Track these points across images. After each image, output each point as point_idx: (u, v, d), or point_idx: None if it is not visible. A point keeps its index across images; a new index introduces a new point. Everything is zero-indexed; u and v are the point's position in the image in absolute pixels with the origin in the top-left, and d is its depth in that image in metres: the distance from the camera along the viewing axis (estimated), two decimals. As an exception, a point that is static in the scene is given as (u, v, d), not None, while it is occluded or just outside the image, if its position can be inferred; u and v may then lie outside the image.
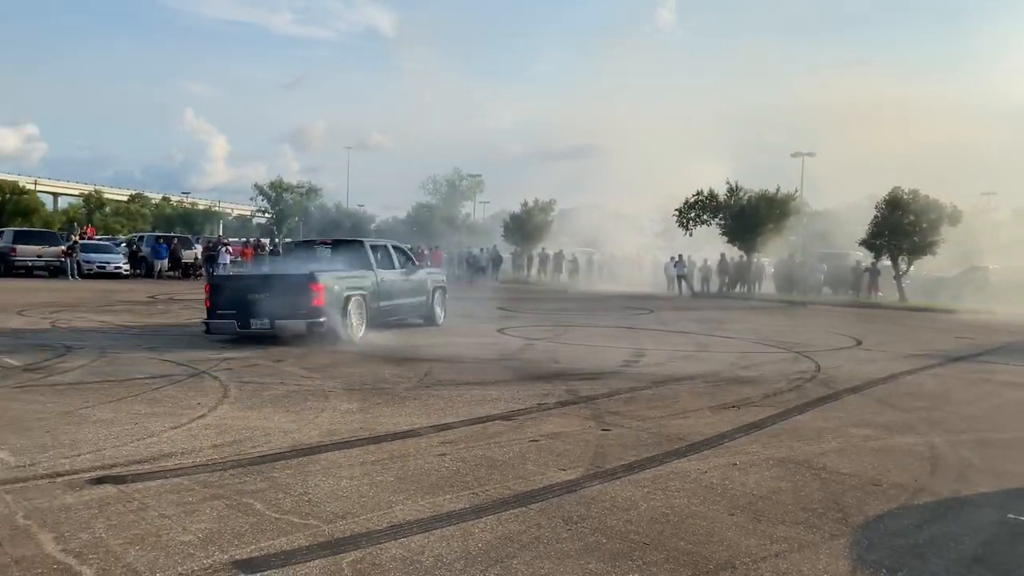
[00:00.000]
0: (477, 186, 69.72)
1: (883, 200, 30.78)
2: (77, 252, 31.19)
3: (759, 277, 36.43)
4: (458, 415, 6.89)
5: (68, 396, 7.21)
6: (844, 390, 8.84)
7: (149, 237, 38.46)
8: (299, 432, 6.08)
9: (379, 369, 9.38)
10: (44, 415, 6.38)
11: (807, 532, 4.21)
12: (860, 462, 5.71)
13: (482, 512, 4.34)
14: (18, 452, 5.24)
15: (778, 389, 8.75)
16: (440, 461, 5.36)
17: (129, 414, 6.52)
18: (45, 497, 4.35)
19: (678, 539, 4.04)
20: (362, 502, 4.44)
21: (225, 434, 5.93)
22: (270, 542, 3.80)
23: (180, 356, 9.94)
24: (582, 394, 8.12)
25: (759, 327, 17.58)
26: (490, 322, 16.46)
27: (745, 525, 4.29)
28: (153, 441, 5.66)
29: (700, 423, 6.87)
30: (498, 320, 16.84)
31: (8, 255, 30.02)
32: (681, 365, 10.63)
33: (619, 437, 6.24)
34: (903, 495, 4.96)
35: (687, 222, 35.99)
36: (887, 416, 7.49)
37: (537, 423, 6.67)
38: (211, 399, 7.24)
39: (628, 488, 4.90)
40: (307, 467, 5.12)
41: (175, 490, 4.56)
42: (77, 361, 9.34)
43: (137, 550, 3.64)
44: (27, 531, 3.84)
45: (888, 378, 9.98)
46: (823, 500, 4.79)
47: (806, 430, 6.72)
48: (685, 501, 4.67)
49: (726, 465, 5.50)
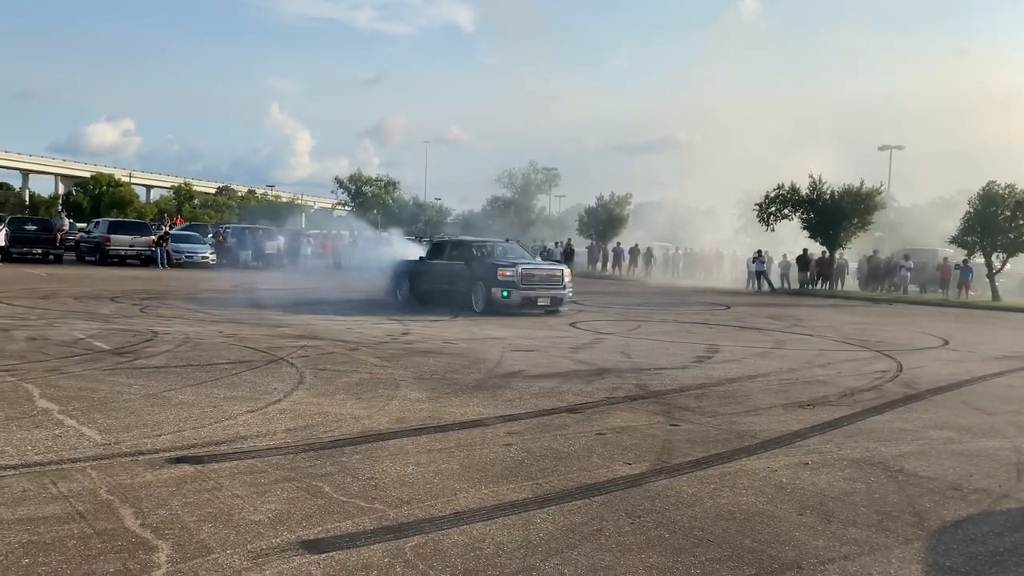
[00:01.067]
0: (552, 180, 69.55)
1: (976, 195, 29.45)
2: (168, 242, 32.48)
3: (842, 274, 35.37)
4: (525, 406, 6.91)
5: (153, 379, 7.52)
6: (927, 391, 8.52)
7: (235, 228, 39.73)
8: (369, 419, 6.20)
9: (450, 360, 9.48)
10: (130, 397, 6.67)
11: (879, 535, 4.08)
12: (940, 465, 5.50)
13: (545, 503, 4.35)
14: (104, 431, 5.50)
15: (856, 388, 8.49)
16: (505, 451, 5.39)
17: (209, 397, 6.76)
18: (127, 474, 4.56)
19: (743, 537, 3.97)
20: (427, 488, 4.51)
21: (298, 419, 6.09)
22: (336, 524, 3.89)
23: (260, 343, 10.25)
24: (652, 389, 8.04)
25: (839, 325, 17.07)
26: (562, 315, 16.43)
27: (814, 526, 4.18)
28: (230, 424, 5.86)
29: (772, 421, 6.72)
30: (570, 314, 16.80)
31: (103, 244, 31.41)
32: (755, 362, 10.42)
33: (688, 433, 6.16)
34: (985, 500, 4.76)
35: (768, 217, 35.17)
36: (971, 419, 7.19)
37: (604, 416, 6.64)
38: (287, 385, 7.45)
39: (694, 484, 4.83)
40: (375, 453, 5.22)
41: (249, 471, 4.71)
42: (163, 346, 9.72)
43: (210, 527, 3.78)
44: (109, 506, 4.03)
45: (975, 380, 9.57)
46: (898, 503, 4.63)
47: (884, 431, 6.51)
48: (752, 499, 4.58)
49: (797, 464, 5.38)
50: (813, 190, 34.17)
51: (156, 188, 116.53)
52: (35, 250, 30.45)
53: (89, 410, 6.10)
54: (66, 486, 4.30)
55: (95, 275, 24.77)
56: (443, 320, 14.57)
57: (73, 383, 7.15)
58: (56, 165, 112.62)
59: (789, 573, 3.55)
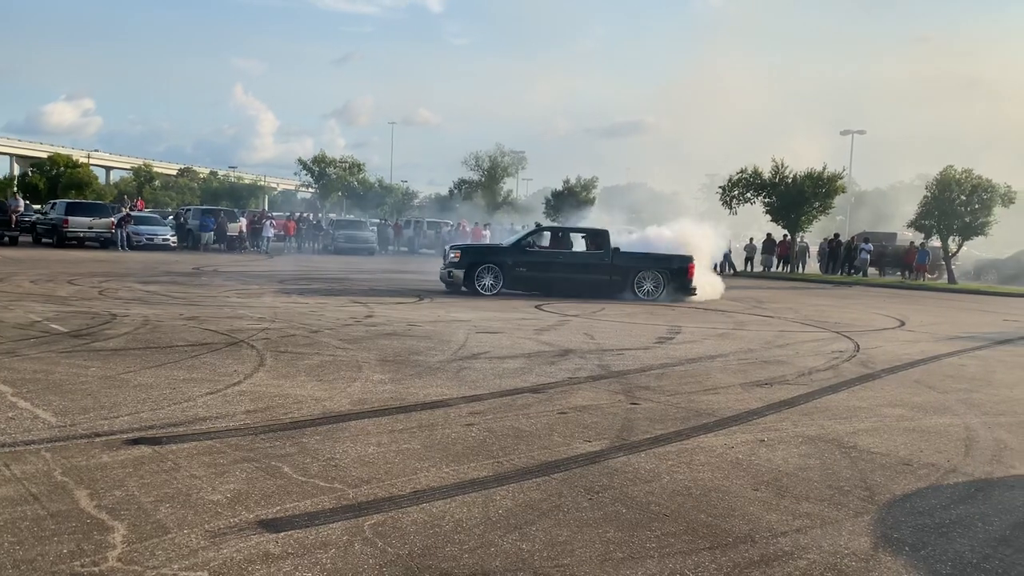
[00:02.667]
0: (519, 162, 69.38)
1: (934, 180, 30.01)
2: (127, 224, 31.92)
3: (803, 257, 35.87)
4: (488, 387, 6.94)
5: (110, 361, 7.42)
6: (882, 370, 8.70)
7: (196, 210, 39.16)
8: (330, 400, 6.19)
9: (413, 342, 9.47)
10: (86, 379, 6.58)
11: (831, 509, 4.18)
12: (892, 442, 5.64)
13: (505, 480, 4.39)
14: (60, 413, 5.42)
15: (813, 368, 8.65)
16: (467, 431, 5.41)
17: (168, 379, 6.69)
18: (83, 456, 4.50)
19: (699, 512, 4.04)
20: (387, 468, 4.52)
21: (259, 400, 6.06)
22: (295, 504, 3.89)
23: (220, 325, 10.15)
24: (614, 369, 8.11)
25: (799, 307, 17.34)
26: (528, 298, 16.48)
27: (768, 500, 4.27)
28: (189, 405, 5.80)
29: (730, 399, 6.83)
30: (536, 296, 16.85)
31: (61, 227, 30.80)
32: (716, 343, 10.55)
33: (647, 411, 6.23)
34: (934, 475, 4.89)
35: (731, 200, 35.53)
36: (924, 397, 7.37)
37: (566, 396, 6.69)
38: (247, 367, 7.39)
39: (652, 461, 4.90)
40: (336, 434, 5.22)
41: (207, 452, 4.68)
42: (122, 329, 9.59)
43: (167, 507, 3.76)
44: (64, 487, 3.98)
45: (929, 359, 9.80)
46: (851, 478, 4.74)
47: (839, 409, 6.64)
48: (709, 475, 4.66)
49: (753, 441, 5.48)
50: (775, 174, 34.58)
51: (116, 169, 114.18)
52: (-11, 232, 29.74)
53: (44, 392, 6.01)
54: (19, 468, 4.23)
55: (52, 257, 24.28)
56: (408, 302, 14.54)
57: (28, 365, 7.03)
58: (11, 145, 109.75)
59: (743, 546, 3.62)
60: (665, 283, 17.30)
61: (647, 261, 17.59)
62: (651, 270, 17.34)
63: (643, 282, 17.25)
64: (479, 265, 16.89)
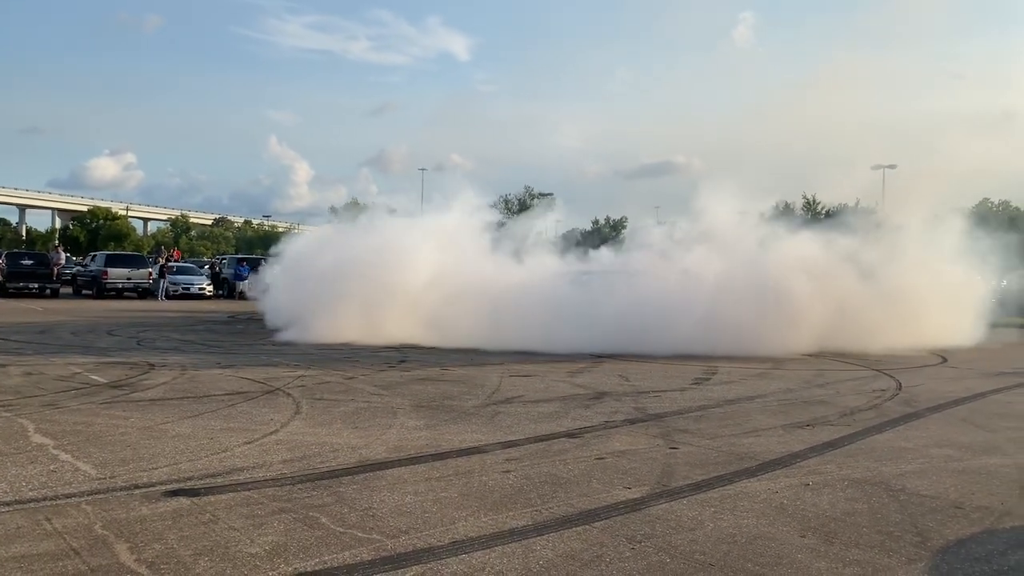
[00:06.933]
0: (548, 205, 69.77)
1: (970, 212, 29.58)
2: (166, 275, 32.50)
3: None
4: (524, 432, 6.88)
5: (149, 412, 7.48)
6: (926, 409, 8.49)
7: (231, 259, 39.74)
8: (366, 448, 6.16)
9: (448, 387, 9.45)
10: (126, 430, 6.63)
11: (882, 555, 4.04)
12: (941, 484, 5.47)
13: (544, 529, 4.31)
14: (99, 465, 5.45)
15: (856, 407, 8.46)
16: (504, 478, 5.35)
17: (205, 429, 6.72)
18: (123, 508, 4.52)
19: (745, 560, 3.93)
20: (425, 518, 4.47)
21: (295, 449, 6.05)
22: (333, 556, 3.85)
23: (256, 374, 10.21)
24: (650, 412, 8.01)
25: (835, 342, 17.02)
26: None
27: (816, 547, 4.14)
28: (227, 455, 5.81)
29: (772, 442, 6.69)
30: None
31: (100, 278, 31.43)
32: (754, 383, 10.39)
33: (687, 455, 6.12)
34: (988, 519, 4.72)
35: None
36: (972, 436, 7.16)
37: (603, 441, 6.60)
38: (283, 415, 7.41)
39: (695, 508, 4.80)
40: (372, 483, 5.18)
41: (245, 503, 4.67)
42: (160, 379, 9.68)
43: (206, 561, 3.74)
44: (104, 540, 3.98)
45: (974, 397, 9.54)
46: (901, 523, 4.60)
47: (884, 450, 6.47)
48: (754, 521, 4.54)
49: (798, 485, 5.34)
50: (807, 209, 34.37)
51: (153, 220, 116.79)
52: (31, 284, 30.44)
53: (85, 444, 6.06)
54: (60, 522, 4.25)
55: (92, 308, 24.72)
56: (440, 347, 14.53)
57: (69, 417, 7.11)
58: (54, 200, 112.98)
59: (792, 596, 3.51)
60: None
61: None
62: None
63: None
64: None
